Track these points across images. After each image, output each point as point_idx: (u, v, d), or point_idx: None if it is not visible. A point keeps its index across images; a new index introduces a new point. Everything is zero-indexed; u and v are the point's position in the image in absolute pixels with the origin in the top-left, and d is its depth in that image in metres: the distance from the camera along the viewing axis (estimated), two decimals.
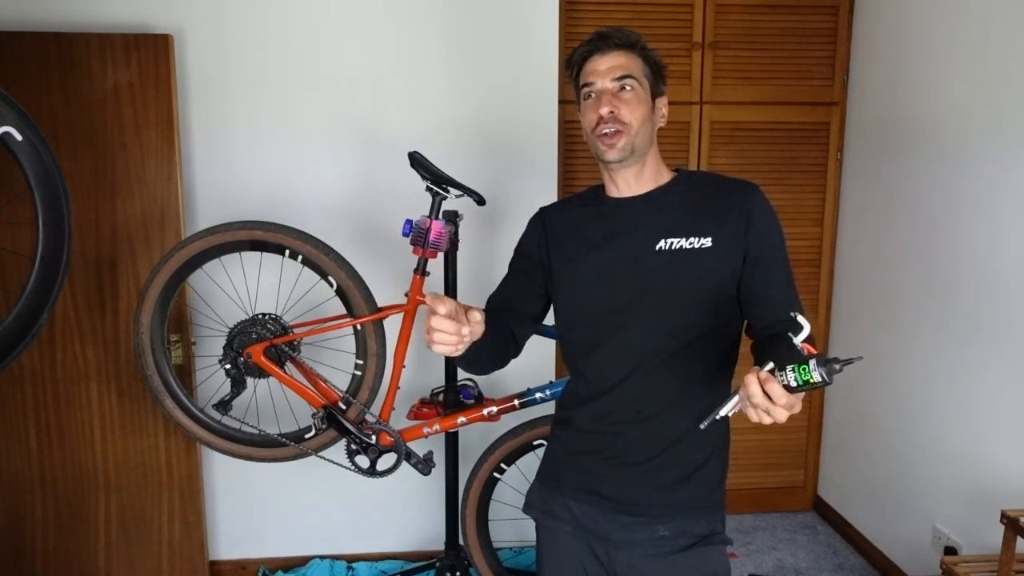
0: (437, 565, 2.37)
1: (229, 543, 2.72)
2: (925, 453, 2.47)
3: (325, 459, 2.14)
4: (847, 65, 2.92)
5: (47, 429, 2.43)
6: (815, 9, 2.88)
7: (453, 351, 1.15)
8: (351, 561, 2.72)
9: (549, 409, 1.96)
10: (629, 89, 1.29)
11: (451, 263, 2.18)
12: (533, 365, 2.59)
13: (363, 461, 2.09)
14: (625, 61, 1.30)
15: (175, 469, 2.51)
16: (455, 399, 2.20)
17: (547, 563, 1.48)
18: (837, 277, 3.04)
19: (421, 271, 2.02)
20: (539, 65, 2.55)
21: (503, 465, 2.20)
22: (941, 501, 2.39)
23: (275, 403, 2.33)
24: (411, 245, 2.00)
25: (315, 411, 2.07)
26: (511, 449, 2.18)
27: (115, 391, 2.45)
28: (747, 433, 3.11)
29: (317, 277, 2.03)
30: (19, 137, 1.56)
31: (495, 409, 2.06)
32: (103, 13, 2.37)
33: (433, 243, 1.98)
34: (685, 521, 1.34)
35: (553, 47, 2.53)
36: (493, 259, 2.55)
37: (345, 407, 2.07)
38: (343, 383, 2.09)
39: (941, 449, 2.39)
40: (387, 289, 2.30)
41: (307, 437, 2.11)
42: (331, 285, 2.00)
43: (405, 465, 2.10)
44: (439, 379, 2.27)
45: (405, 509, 2.74)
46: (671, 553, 1.34)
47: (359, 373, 2.06)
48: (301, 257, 1.99)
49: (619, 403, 1.33)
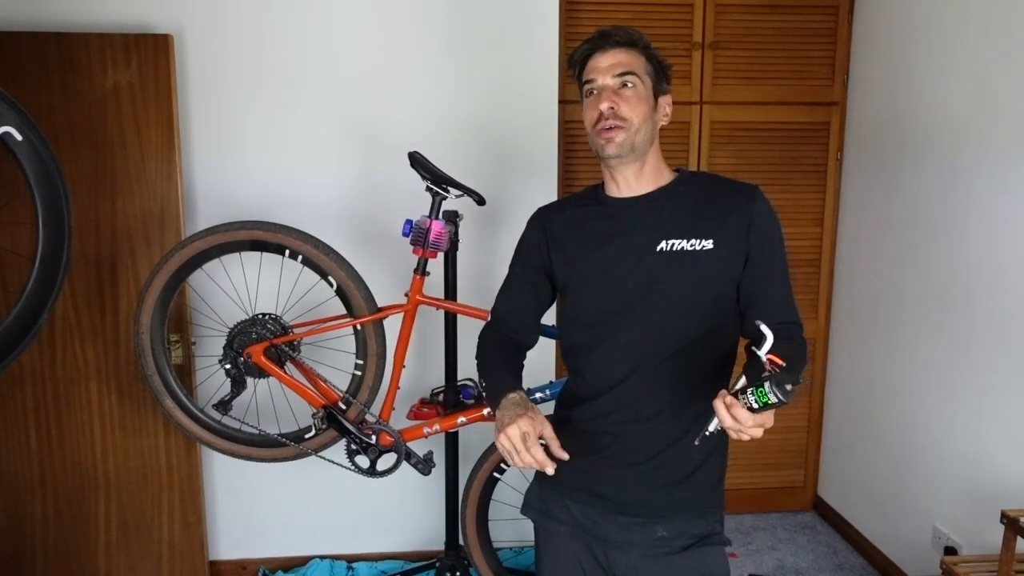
0: (437, 565, 2.37)
1: (229, 543, 2.72)
2: (925, 453, 2.47)
3: (325, 459, 2.15)
4: (847, 65, 2.92)
5: (47, 429, 2.43)
6: (815, 9, 2.88)
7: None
8: (351, 561, 2.72)
9: (549, 409, 1.95)
10: (630, 86, 1.29)
11: (451, 263, 2.18)
12: (533, 365, 2.56)
13: (363, 461, 2.09)
14: (627, 58, 1.30)
15: (175, 469, 2.51)
16: (455, 399, 2.20)
17: (546, 564, 1.48)
18: (837, 277, 3.04)
19: (421, 271, 2.02)
20: (539, 65, 2.55)
21: (503, 465, 2.20)
22: (941, 501, 2.39)
23: (275, 403, 2.33)
24: (411, 245, 2.00)
25: (315, 411, 2.07)
26: None
27: (115, 391, 2.45)
28: None
29: (317, 277, 2.03)
30: (19, 137, 1.56)
31: None
32: (103, 13, 2.37)
33: (433, 243, 1.98)
34: (684, 522, 1.34)
35: (553, 47, 2.53)
36: (493, 259, 2.55)
37: (345, 407, 2.08)
38: (343, 383, 2.09)
39: (941, 449, 2.39)
40: (387, 289, 2.30)
41: (307, 437, 2.12)
42: (331, 285, 2.01)
43: (405, 465, 2.10)
44: (439, 379, 2.27)
45: (405, 509, 2.74)
46: (669, 554, 1.34)
47: (359, 373, 2.06)
48: (301, 257, 1.99)
49: (618, 403, 1.33)
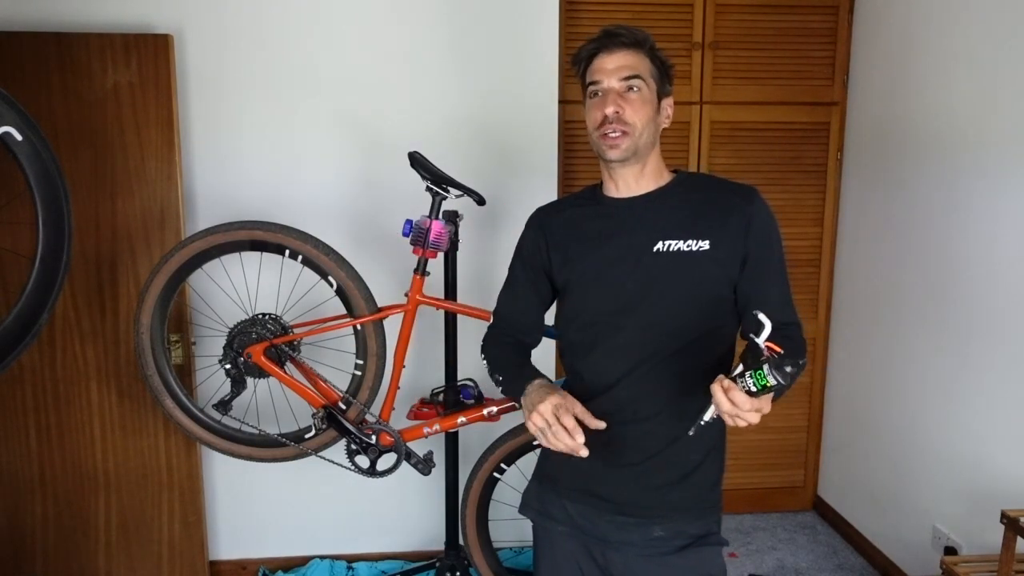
0: (437, 565, 2.37)
1: (229, 543, 2.72)
2: (925, 453, 2.47)
3: (325, 459, 2.15)
4: (847, 65, 2.92)
5: (47, 429, 2.43)
6: (815, 9, 2.88)
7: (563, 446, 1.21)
8: (351, 561, 2.72)
9: None
10: (636, 90, 1.28)
11: (451, 263, 2.18)
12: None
13: (363, 461, 2.09)
14: (633, 61, 1.29)
15: (175, 469, 2.51)
16: (455, 399, 2.20)
17: (544, 563, 1.48)
18: (837, 277, 3.04)
19: (421, 271, 2.02)
20: (539, 65, 2.55)
21: (503, 465, 2.20)
22: (941, 501, 2.39)
23: (275, 403, 2.33)
24: (411, 245, 2.00)
25: (315, 411, 2.07)
26: (511, 449, 2.18)
27: (115, 391, 2.45)
28: (747, 433, 3.09)
29: (317, 277, 2.03)
30: (19, 137, 1.56)
31: (495, 409, 2.06)
32: (103, 13, 2.37)
33: (433, 243, 1.98)
34: (681, 522, 1.34)
35: (553, 47, 2.53)
36: (493, 259, 2.55)
37: (345, 407, 2.08)
38: (343, 383, 2.09)
39: (941, 449, 2.39)
40: (387, 289, 2.31)
41: (307, 437, 2.12)
42: (331, 285, 2.01)
43: (405, 465, 2.10)
44: (439, 379, 2.27)
45: (405, 509, 2.74)
46: (666, 554, 1.34)
47: (359, 373, 2.06)
48: (301, 257, 1.99)
49: (616, 403, 1.33)
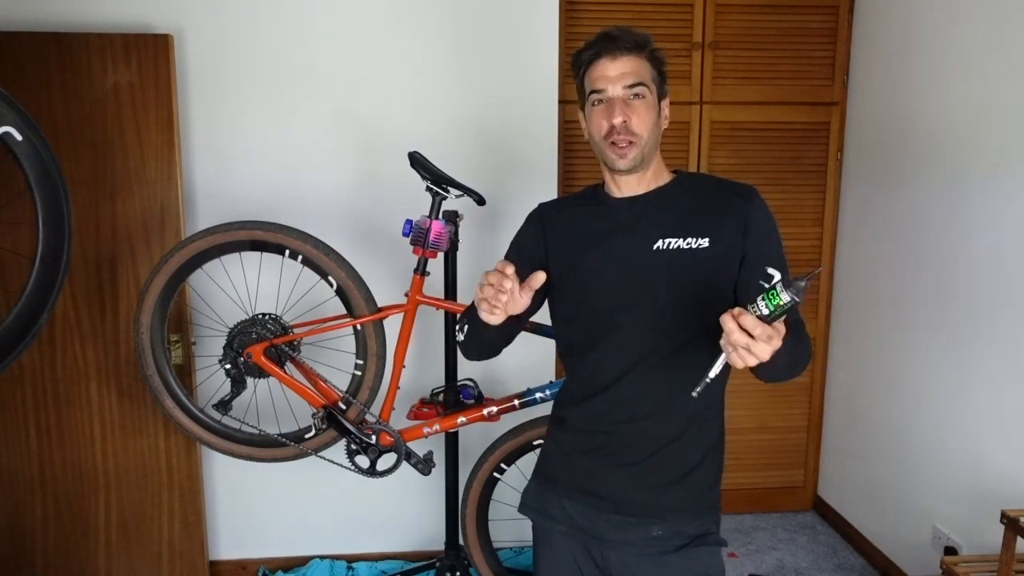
0: (437, 565, 2.37)
1: (229, 543, 2.72)
2: (925, 453, 2.47)
3: (325, 459, 2.15)
4: (847, 65, 2.92)
5: (47, 429, 2.43)
6: (815, 9, 2.88)
7: (497, 309, 1.21)
8: (351, 561, 2.72)
9: (549, 409, 1.95)
10: (640, 98, 1.28)
11: (451, 263, 2.18)
12: (533, 365, 2.60)
13: (363, 461, 2.09)
14: (636, 67, 1.28)
15: (175, 469, 2.51)
16: (455, 399, 2.20)
17: (543, 563, 1.48)
18: (837, 277, 3.04)
19: (421, 271, 2.02)
20: (539, 65, 2.55)
21: (503, 465, 2.20)
22: (941, 501, 2.39)
23: (275, 403, 2.33)
24: (411, 245, 2.00)
25: (315, 411, 2.07)
26: (511, 449, 2.18)
27: (115, 391, 2.45)
28: (747, 433, 3.11)
29: (317, 277, 2.03)
30: (19, 137, 1.56)
31: (495, 409, 2.06)
32: (103, 13, 2.37)
33: (433, 243, 1.98)
34: (679, 522, 1.34)
35: (553, 47, 2.53)
36: (493, 259, 2.52)
37: (345, 407, 2.08)
38: (343, 383, 2.09)
39: (941, 449, 2.39)
40: (387, 289, 2.30)
41: (307, 437, 2.12)
42: (331, 285, 2.01)
43: (405, 465, 2.10)
44: (439, 379, 2.27)
45: (405, 509, 2.74)
46: (665, 553, 1.34)
47: (359, 373, 2.06)
48: (301, 257, 1.99)
49: (614, 402, 1.33)
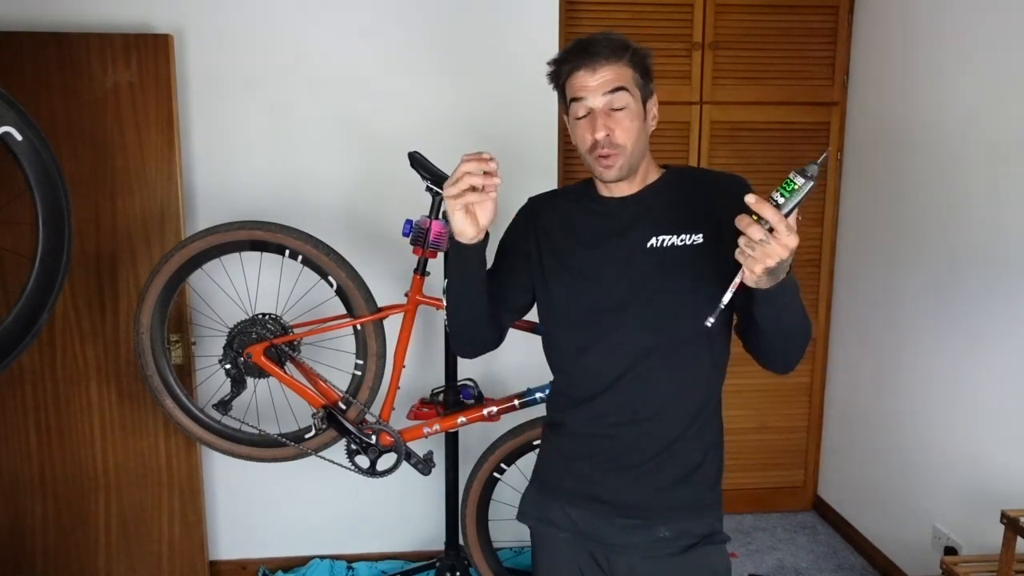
0: (437, 565, 2.37)
1: (229, 543, 2.72)
2: (925, 453, 2.47)
3: (325, 459, 2.15)
4: (847, 65, 2.92)
5: (47, 429, 2.43)
6: (815, 9, 2.88)
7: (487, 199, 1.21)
8: (351, 561, 2.72)
9: None
10: (622, 107, 1.26)
11: None
12: (533, 365, 2.58)
13: (363, 461, 2.09)
14: (616, 74, 1.26)
15: (175, 469, 2.51)
16: (455, 399, 2.20)
17: (543, 570, 1.47)
18: (837, 277, 3.04)
19: (421, 271, 2.02)
20: (539, 65, 2.49)
21: (503, 465, 2.20)
22: (941, 501, 2.39)
23: (275, 403, 2.33)
24: (411, 245, 2.00)
25: (315, 411, 2.07)
26: (511, 449, 2.18)
27: (115, 391, 2.45)
28: (747, 433, 3.11)
29: (317, 277, 2.03)
30: (19, 137, 1.56)
31: (495, 409, 2.06)
32: (103, 13, 2.37)
33: (433, 243, 1.98)
34: (684, 521, 1.34)
35: (553, 47, 2.53)
36: (493, 259, 2.55)
37: (345, 407, 2.08)
38: (343, 383, 2.09)
39: (941, 449, 2.39)
40: (387, 289, 2.31)
41: (307, 437, 2.12)
42: (331, 285, 2.01)
43: (405, 465, 2.10)
44: (439, 379, 2.27)
45: (405, 509, 2.74)
46: (672, 555, 1.33)
47: (359, 373, 2.06)
48: (301, 257, 1.99)
49: (613, 405, 1.32)
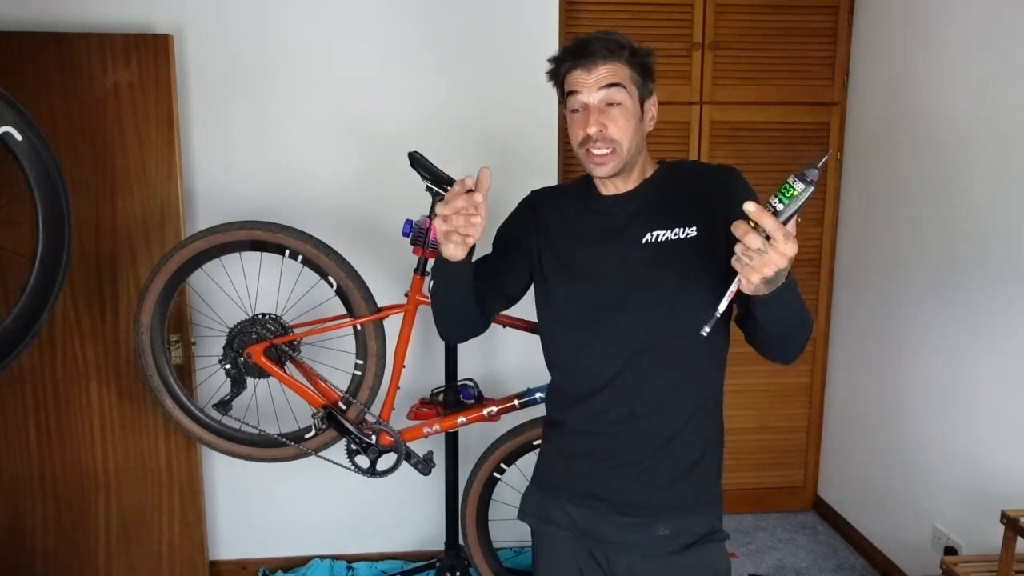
0: (437, 565, 2.37)
1: (229, 543, 2.72)
2: (925, 453, 2.47)
3: (325, 459, 2.15)
4: (847, 65, 2.92)
5: (47, 429, 2.43)
6: (815, 9, 2.88)
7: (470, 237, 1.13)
8: (351, 561, 2.72)
9: None
10: (618, 104, 1.26)
11: None
12: (533, 365, 2.58)
13: (363, 461, 2.09)
14: (614, 72, 1.26)
15: (175, 469, 2.51)
16: (455, 399, 2.20)
17: (543, 569, 1.47)
18: (837, 277, 3.04)
19: (421, 271, 2.02)
20: (539, 64, 2.49)
21: (503, 465, 2.20)
22: (941, 501, 2.39)
23: (275, 403, 2.33)
24: (411, 245, 2.00)
25: (315, 411, 2.07)
26: (511, 449, 2.18)
27: (115, 391, 2.44)
28: (747, 433, 3.11)
29: (317, 277, 2.03)
30: (19, 137, 1.56)
31: (495, 409, 2.06)
32: (103, 13, 2.37)
33: (433, 243, 1.98)
34: (684, 518, 1.34)
35: (553, 47, 2.53)
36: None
37: (345, 407, 2.08)
38: (343, 383, 2.09)
39: (941, 449, 2.39)
40: (387, 289, 2.31)
41: (307, 437, 2.12)
42: (331, 285, 2.01)
43: (405, 465, 2.10)
44: (439, 379, 2.27)
45: (405, 509, 2.74)
46: (672, 553, 1.33)
47: (359, 373, 2.06)
48: (301, 257, 1.99)
49: (612, 402, 1.32)
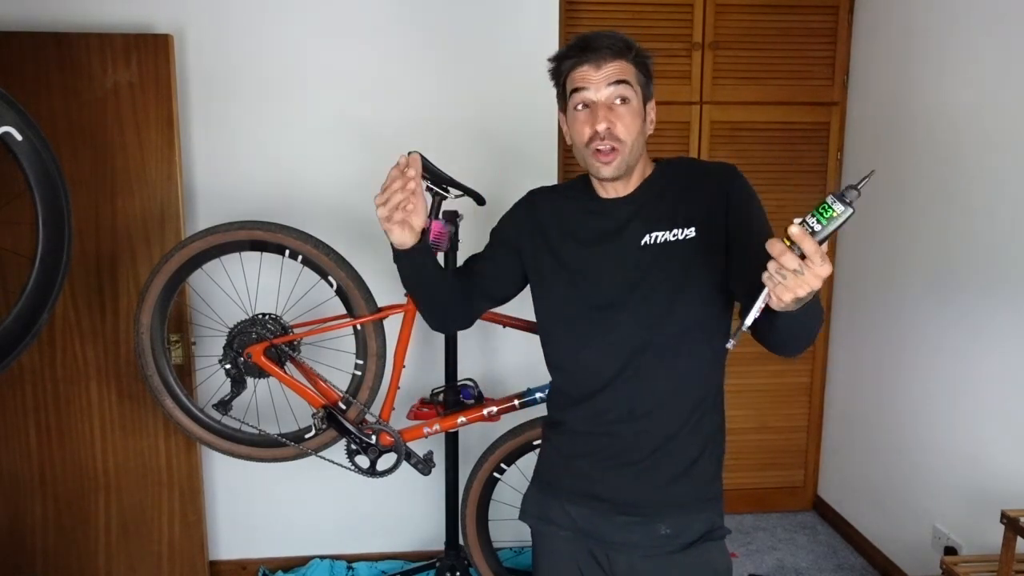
0: (437, 565, 2.37)
1: (229, 543, 2.72)
2: (925, 453, 2.47)
3: (325, 459, 2.14)
4: (847, 65, 2.92)
5: (47, 429, 2.43)
6: (815, 9, 2.88)
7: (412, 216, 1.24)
8: (351, 561, 2.72)
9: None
10: (625, 102, 1.26)
11: (451, 263, 2.18)
12: (533, 365, 2.58)
13: (363, 461, 2.09)
14: (619, 70, 1.26)
15: (175, 469, 2.51)
16: (455, 399, 2.20)
17: (543, 569, 1.47)
18: (837, 277, 3.04)
19: None
20: (539, 64, 2.49)
21: (503, 465, 2.20)
22: (941, 501, 2.39)
23: (275, 403, 2.33)
24: None
25: (315, 411, 2.07)
26: (511, 449, 2.18)
27: (115, 391, 2.44)
28: (747, 433, 3.11)
29: (317, 277, 2.03)
30: (19, 137, 1.56)
31: (495, 409, 2.06)
32: (103, 13, 2.37)
33: (433, 243, 1.98)
34: (685, 517, 1.34)
35: (553, 47, 2.53)
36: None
37: (345, 407, 2.07)
38: (343, 383, 2.09)
39: (941, 449, 2.39)
40: (387, 289, 2.30)
41: (307, 437, 2.11)
42: (331, 285, 2.00)
43: (405, 465, 2.10)
44: (439, 379, 2.27)
45: (405, 509, 2.74)
46: (672, 553, 1.33)
47: (359, 373, 2.06)
48: (301, 257, 1.99)
49: (613, 402, 1.32)
